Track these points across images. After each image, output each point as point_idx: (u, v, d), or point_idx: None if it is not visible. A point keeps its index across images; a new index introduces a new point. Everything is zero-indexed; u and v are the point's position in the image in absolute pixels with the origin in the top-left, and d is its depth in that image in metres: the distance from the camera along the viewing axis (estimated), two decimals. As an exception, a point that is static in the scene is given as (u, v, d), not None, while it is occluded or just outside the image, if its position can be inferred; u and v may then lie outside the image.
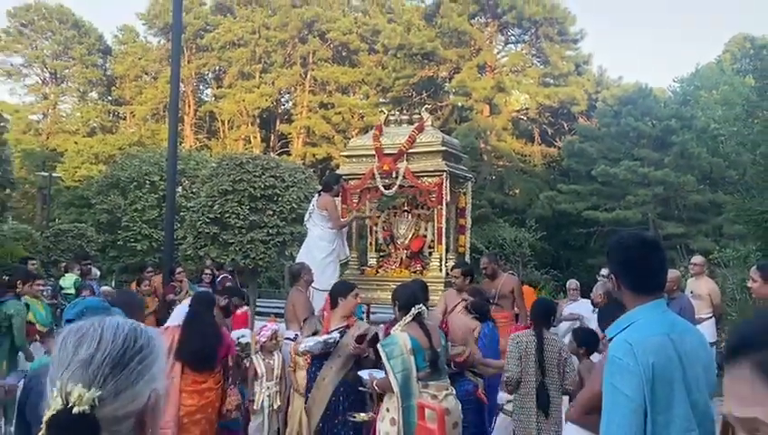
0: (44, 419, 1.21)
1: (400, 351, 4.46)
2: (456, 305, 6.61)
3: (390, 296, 5.48)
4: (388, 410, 4.52)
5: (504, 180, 32.31)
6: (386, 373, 4.50)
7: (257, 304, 14.89)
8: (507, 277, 8.11)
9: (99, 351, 1.26)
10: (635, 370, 2.29)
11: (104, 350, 1.27)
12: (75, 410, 1.20)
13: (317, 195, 8.45)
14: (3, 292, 6.83)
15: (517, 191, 31.78)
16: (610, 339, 2.48)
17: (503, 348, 5.82)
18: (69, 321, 3.01)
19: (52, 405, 1.21)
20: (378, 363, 4.76)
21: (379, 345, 4.64)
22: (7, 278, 7.33)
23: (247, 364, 6.08)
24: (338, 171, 9.28)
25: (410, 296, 4.82)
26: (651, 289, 2.47)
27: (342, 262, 8.40)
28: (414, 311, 4.68)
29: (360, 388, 4.98)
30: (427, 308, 4.04)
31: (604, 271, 9.82)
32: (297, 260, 8.13)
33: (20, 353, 6.65)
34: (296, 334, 6.15)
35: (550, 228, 26.89)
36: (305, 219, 8.52)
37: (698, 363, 2.34)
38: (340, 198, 8.38)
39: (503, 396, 5.16)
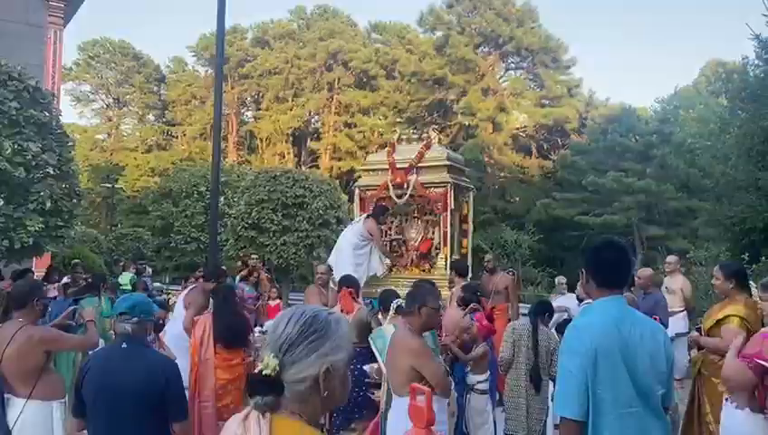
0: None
1: (386, 342, 4.48)
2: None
3: (407, 293, 5.57)
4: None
5: (505, 189, 32.17)
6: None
7: (289, 297, 14.99)
8: (503, 276, 8.11)
9: (285, 332, 1.55)
10: (578, 350, 2.32)
11: (288, 331, 1.55)
12: (264, 372, 1.50)
13: (364, 217, 8.37)
14: (84, 290, 6.97)
15: (517, 199, 31.63)
16: None
17: (498, 335, 5.85)
18: (121, 314, 3.08)
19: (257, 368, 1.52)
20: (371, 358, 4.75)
21: (369, 340, 4.62)
22: (90, 280, 7.43)
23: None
24: (358, 183, 9.32)
25: (387, 298, 5.00)
26: (612, 285, 2.50)
27: (381, 275, 8.26)
28: (394, 305, 4.76)
29: (367, 379, 5.04)
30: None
31: (561, 278, 9.76)
32: (329, 261, 8.18)
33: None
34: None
35: (546, 231, 26.72)
36: (346, 229, 8.48)
37: (644, 351, 2.35)
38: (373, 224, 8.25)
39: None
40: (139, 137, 44.18)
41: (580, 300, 7.71)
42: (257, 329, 7.30)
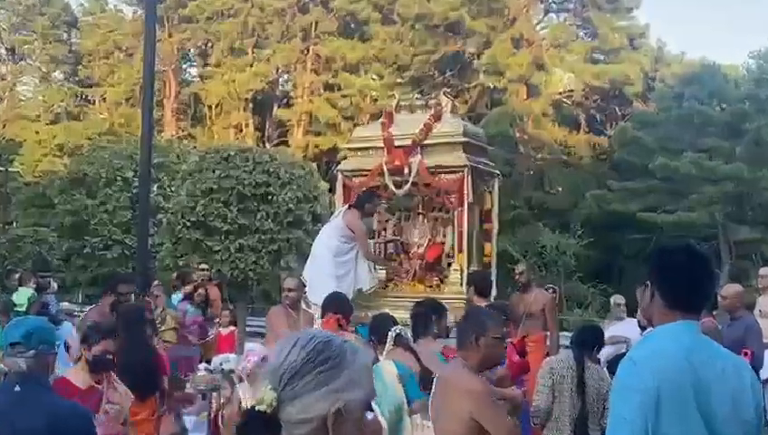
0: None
1: (385, 385, 4.50)
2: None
3: (409, 315, 5.65)
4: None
5: (543, 176, 32.32)
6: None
7: (247, 322, 15.01)
8: (539, 293, 8.20)
9: (288, 359, 1.65)
10: (636, 389, 2.35)
11: (292, 358, 1.64)
12: (257, 408, 1.59)
13: (344, 208, 8.52)
14: None
15: (560, 189, 31.77)
16: None
17: (533, 374, 5.87)
18: (13, 345, 3.07)
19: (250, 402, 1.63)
20: None
21: None
22: None
23: (217, 395, 6.16)
24: (342, 166, 9.38)
25: (380, 324, 5.06)
26: (687, 307, 2.53)
27: (369, 290, 8.48)
28: (392, 335, 4.81)
29: None
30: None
31: (619, 298, 9.85)
32: (303, 274, 8.32)
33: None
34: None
35: (598, 233, 26.83)
36: (323, 228, 8.67)
37: (725, 392, 2.37)
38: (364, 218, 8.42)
39: None
40: (41, 102, 44.05)
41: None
42: (202, 366, 7.30)
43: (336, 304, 5.78)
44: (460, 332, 3.94)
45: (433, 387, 3.90)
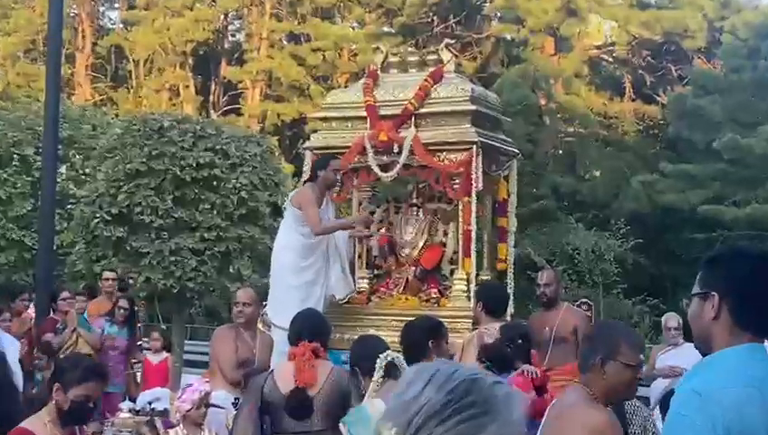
0: None
1: (371, 431, 4.51)
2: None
3: (399, 339, 5.69)
4: None
5: (575, 156, 32.42)
6: None
7: (186, 348, 15.01)
8: (569, 310, 8.23)
9: (421, 396, 1.69)
10: (702, 429, 2.38)
11: (428, 395, 1.69)
12: None
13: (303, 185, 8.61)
14: None
15: (597, 173, 31.88)
16: None
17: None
18: None
19: None
20: None
21: (341, 424, 4.77)
22: None
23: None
24: (311, 142, 9.38)
25: (367, 350, 5.15)
26: (759, 328, 2.56)
27: (343, 299, 8.54)
28: (381, 363, 4.83)
29: None
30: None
31: (671, 319, 9.88)
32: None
33: None
34: (235, 398, 6.21)
35: (648, 232, 26.98)
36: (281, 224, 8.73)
37: None
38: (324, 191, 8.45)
39: None
40: None
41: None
42: (125, 406, 7.27)
43: (311, 327, 5.73)
44: (585, 351, 4.02)
45: (542, 420, 3.95)
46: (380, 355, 4.94)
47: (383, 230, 9.16)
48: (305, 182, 8.57)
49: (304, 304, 7.52)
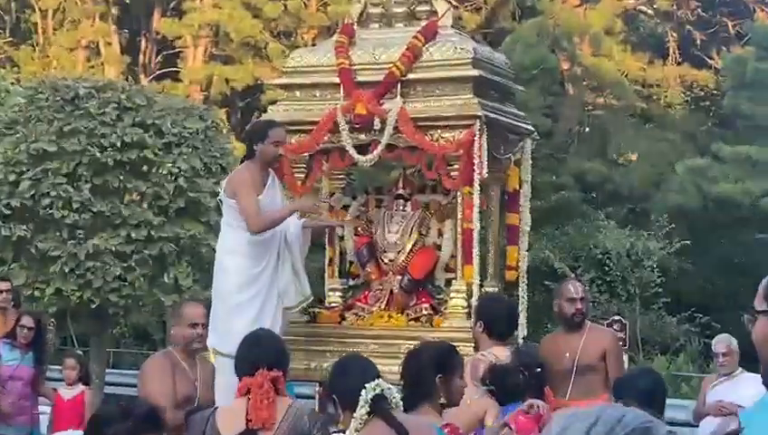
0: None
1: None
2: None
3: (400, 371, 5.72)
4: None
5: (606, 133, 32.44)
6: None
7: (107, 379, 15.03)
8: (596, 331, 8.30)
9: None
10: None
11: None
12: None
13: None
14: None
15: (633, 157, 31.95)
16: None
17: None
18: None
19: None
20: None
21: None
22: None
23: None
24: (269, 115, 9.40)
25: (352, 380, 5.05)
26: None
27: (294, 308, 8.51)
28: (366, 396, 4.82)
29: None
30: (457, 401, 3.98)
31: (722, 343, 9.96)
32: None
33: None
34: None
35: (697, 231, 27.04)
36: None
37: None
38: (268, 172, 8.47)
39: None
40: None
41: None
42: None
43: (269, 352, 5.72)
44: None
45: None
46: (367, 385, 4.91)
47: (358, 228, 9.19)
48: (242, 161, 8.57)
49: (257, 323, 7.54)
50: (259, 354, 5.57)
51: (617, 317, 11.72)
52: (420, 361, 5.62)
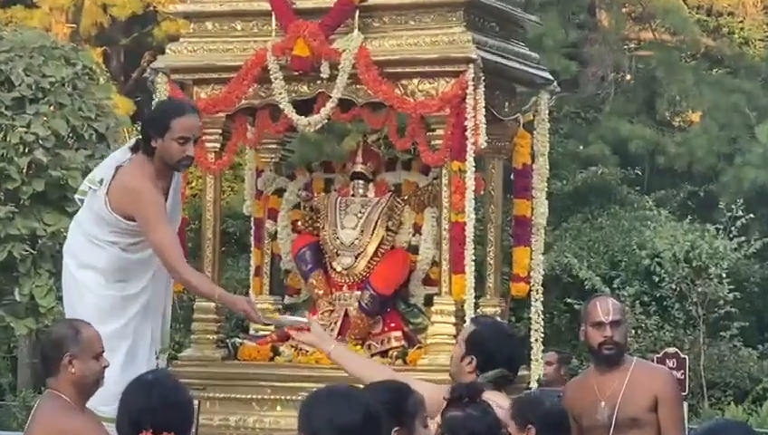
0: None
1: None
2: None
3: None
4: None
5: (656, 86, 32.59)
6: None
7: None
8: (642, 368, 8.30)
9: None
10: None
11: None
12: None
13: (121, 157, 8.49)
14: None
15: (694, 116, 32.17)
16: None
17: None
18: None
19: None
20: None
21: None
22: None
23: None
24: (166, 60, 9.38)
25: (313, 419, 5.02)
26: None
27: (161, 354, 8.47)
28: None
29: None
30: None
31: None
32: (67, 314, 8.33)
33: None
34: None
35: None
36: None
37: None
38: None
39: None
40: None
41: None
42: None
43: (154, 408, 5.73)
44: None
45: None
46: None
47: (298, 222, 9.21)
48: (132, 150, 8.37)
49: (133, 367, 7.59)
50: (143, 410, 5.53)
51: (672, 350, 11.80)
52: (367, 410, 5.54)
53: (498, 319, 8.62)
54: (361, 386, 6.10)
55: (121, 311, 8.05)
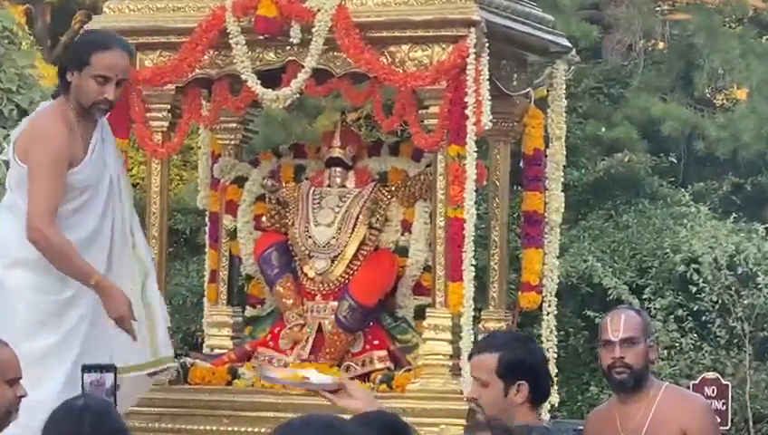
0: None
1: None
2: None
3: None
4: None
5: (694, 56, 32.66)
6: None
7: None
8: (672, 396, 8.33)
9: None
10: None
11: None
12: None
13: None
14: None
15: (740, 93, 32.23)
16: None
17: None
18: None
19: None
20: None
21: None
22: None
23: None
24: (103, 19, 9.39)
25: None
26: None
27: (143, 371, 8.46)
28: None
29: None
30: None
31: None
32: None
33: None
34: None
35: None
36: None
37: None
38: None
39: None
40: None
41: None
42: None
43: None
44: None
45: None
46: None
47: (263, 217, 9.21)
48: (53, 96, 8.39)
49: (70, 389, 7.52)
50: None
51: (712, 375, 11.78)
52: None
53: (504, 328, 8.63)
54: (347, 416, 6.13)
55: (57, 319, 8.02)
